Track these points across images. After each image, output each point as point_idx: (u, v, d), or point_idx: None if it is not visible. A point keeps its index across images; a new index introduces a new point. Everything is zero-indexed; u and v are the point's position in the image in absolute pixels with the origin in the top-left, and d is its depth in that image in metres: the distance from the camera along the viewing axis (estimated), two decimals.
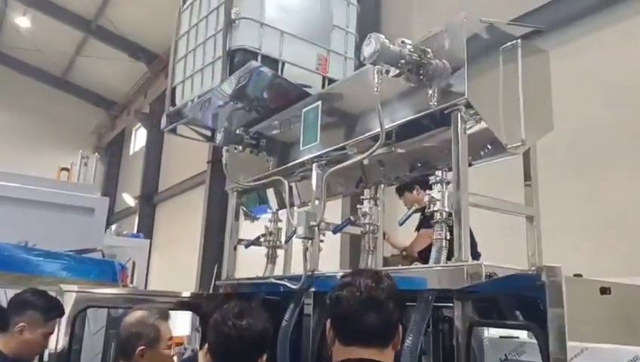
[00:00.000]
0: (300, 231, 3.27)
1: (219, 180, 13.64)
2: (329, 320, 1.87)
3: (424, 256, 4.32)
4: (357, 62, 4.88)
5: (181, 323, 9.49)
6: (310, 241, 3.29)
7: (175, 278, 14.32)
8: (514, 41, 2.64)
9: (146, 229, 17.19)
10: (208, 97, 4.23)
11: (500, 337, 2.93)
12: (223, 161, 4.19)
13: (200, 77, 4.66)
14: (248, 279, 3.96)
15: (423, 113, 2.62)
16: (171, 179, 17.67)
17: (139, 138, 22.81)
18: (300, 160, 3.54)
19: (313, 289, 3.19)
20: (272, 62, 4.27)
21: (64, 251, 4.46)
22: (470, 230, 2.60)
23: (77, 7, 17.61)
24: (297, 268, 4.40)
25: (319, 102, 3.45)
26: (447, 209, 2.73)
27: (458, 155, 2.44)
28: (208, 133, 5.54)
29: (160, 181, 19.10)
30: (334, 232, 3.41)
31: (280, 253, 4.32)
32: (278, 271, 4.23)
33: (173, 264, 15.42)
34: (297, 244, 4.36)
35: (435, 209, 2.74)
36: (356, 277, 1.90)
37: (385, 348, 1.78)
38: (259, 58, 4.16)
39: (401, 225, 3.15)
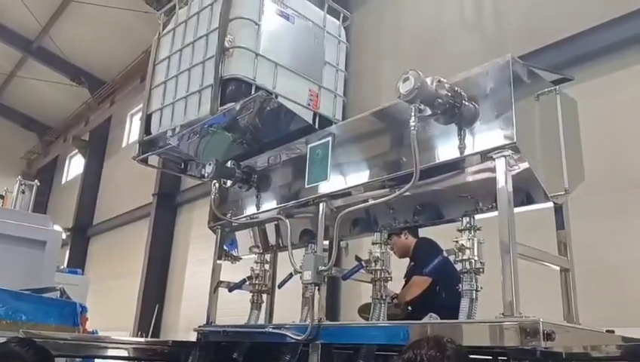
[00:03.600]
0: (308, 276, 3.01)
1: (165, 214, 13.02)
2: None
3: (415, 305, 4.15)
4: (345, 100, 4.79)
5: None
6: (317, 288, 3.04)
7: (109, 318, 13.34)
8: (551, 88, 2.60)
9: (78, 263, 16.04)
10: (197, 127, 3.94)
11: None
12: (212, 196, 3.87)
13: (183, 105, 4.37)
14: (237, 326, 3.61)
15: (464, 155, 2.49)
16: (109, 211, 16.71)
17: (73, 166, 21.62)
18: (307, 198, 3.30)
19: (321, 342, 2.90)
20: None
21: (17, 290, 3.91)
22: None
23: (18, 26, 16.68)
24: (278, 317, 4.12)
25: (330, 138, 3.26)
26: (477, 258, 2.60)
27: (505, 201, 2.30)
28: (181, 163, 5.22)
29: (96, 212, 18.04)
30: (344, 278, 3.18)
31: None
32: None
33: (107, 302, 14.38)
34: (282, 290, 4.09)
35: (465, 258, 2.61)
36: (416, 351, 1.72)
37: None
38: (253, 89, 3.96)
39: (429, 274, 2.97)
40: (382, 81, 8.23)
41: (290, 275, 3.58)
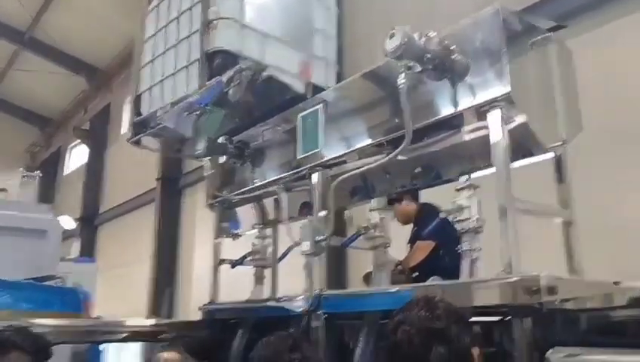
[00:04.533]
0: (306, 246, 2.96)
1: (170, 198, 12.98)
2: None
3: (420, 270, 4.09)
4: (338, 68, 4.69)
5: None
6: (316, 258, 2.98)
7: (122, 305, 13.46)
8: (545, 35, 2.48)
9: (88, 253, 16.15)
10: (187, 104, 3.86)
11: None
12: (205, 173, 3.81)
13: (172, 82, 4.30)
14: (238, 303, 3.57)
15: (458, 111, 2.40)
16: (115, 199, 16.71)
17: (75, 156, 21.60)
18: (300, 168, 3.23)
19: (324, 311, 2.86)
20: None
21: (17, 279, 3.89)
22: None
23: (8, 18, 16.47)
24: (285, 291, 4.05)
25: (320, 106, 3.17)
26: (477, 216, 2.52)
27: (502, 155, 2.22)
28: (176, 143, 5.15)
29: (102, 201, 18.06)
30: (343, 246, 3.12)
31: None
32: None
33: (120, 289, 14.51)
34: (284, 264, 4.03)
35: (464, 217, 2.53)
36: (407, 313, 1.67)
37: None
38: (240, 61, 3.86)
39: (429, 237, 2.89)
40: (378, 49, 8.02)
41: (290, 248, 3.53)
